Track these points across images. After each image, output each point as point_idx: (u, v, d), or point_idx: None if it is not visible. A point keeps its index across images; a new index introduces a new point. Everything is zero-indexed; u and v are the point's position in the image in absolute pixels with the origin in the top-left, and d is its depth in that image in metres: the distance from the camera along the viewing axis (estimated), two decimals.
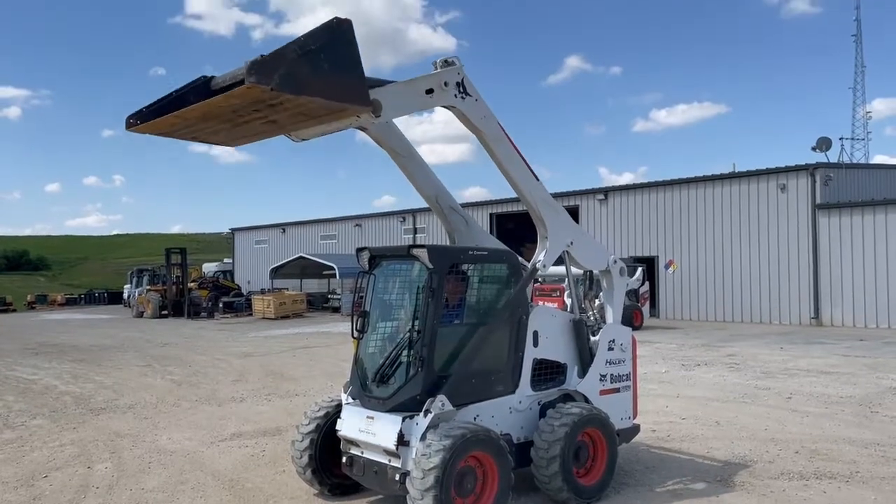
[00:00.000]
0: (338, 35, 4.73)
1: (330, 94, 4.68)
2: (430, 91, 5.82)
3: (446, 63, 5.95)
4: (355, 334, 6.53)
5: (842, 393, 11.77)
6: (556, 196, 35.38)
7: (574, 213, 33.33)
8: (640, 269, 25.49)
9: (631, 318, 23.90)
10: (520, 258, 6.87)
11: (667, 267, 29.45)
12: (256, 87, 4.30)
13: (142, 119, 5.40)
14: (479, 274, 6.63)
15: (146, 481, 7.51)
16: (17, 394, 13.44)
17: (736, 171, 28.48)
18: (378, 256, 6.79)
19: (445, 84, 5.87)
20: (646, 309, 25.60)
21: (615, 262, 7.50)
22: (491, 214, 36.36)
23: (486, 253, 6.66)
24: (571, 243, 7.03)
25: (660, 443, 8.65)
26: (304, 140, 5.96)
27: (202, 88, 5.36)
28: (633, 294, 24.81)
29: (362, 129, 6.13)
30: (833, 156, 28.42)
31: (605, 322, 7.59)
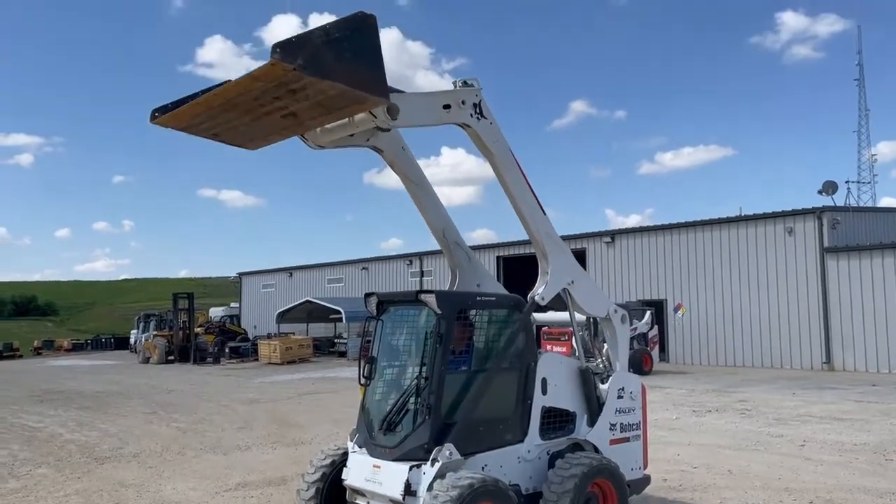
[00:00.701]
0: (362, 27, 4.84)
1: (351, 81, 4.75)
2: (447, 107, 5.89)
3: (465, 84, 6.04)
4: (362, 381, 6.49)
5: (856, 440, 11.57)
6: (562, 238, 35.41)
7: (581, 255, 33.33)
8: (648, 313, 25.35)
9: (640, 363, 23.70)
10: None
11: (676, 310, 29.28)
12: (280, 64, 4.37)
13: (165, 111, 5.48)
14: (487, 320, 6.61)
15: None
16: (22, 442, 13.35)
17: (743, 214, 28.51)
18: (386, 302, 6.78)
19: (463, 102, 5.95)
20: (655, 353, 25.40)
21: (615, 310, 7.42)
22: (498, 257, 36.37)
23: (493, 299, 6.65)
24: (572, 282, 6.94)
25: (672, 493, 8.49)
26: (321, 147, 6.00)
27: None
28: (642, 338, 24.65)
29: (378, 150, 6.21)
30: (839, 199, 28.50)
31: (613, 369, 7.52)
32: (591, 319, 7.48)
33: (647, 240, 31.06)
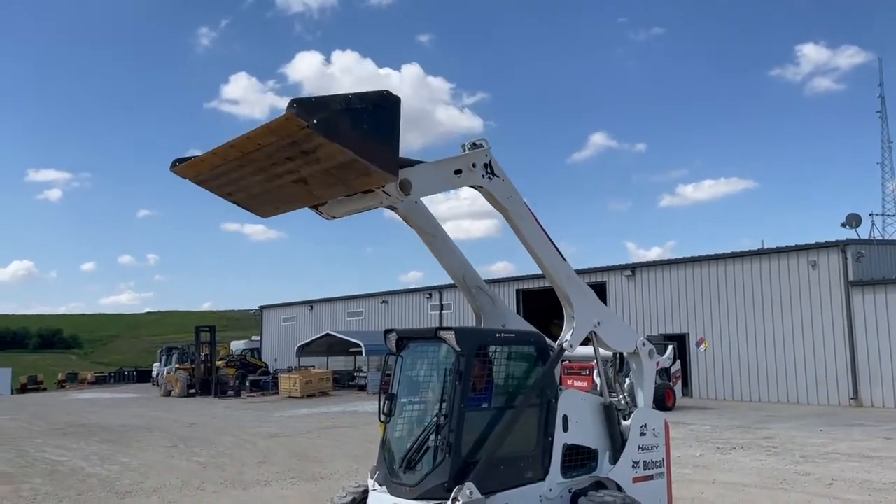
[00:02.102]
0: (384, 105, 4.93)
1: (362, 150, 4.83)
2: (458, 172, 5.93)
3: (474, 145, 6.10)
4: (382, 418, 6.47)
5: (885, 479, 11.30)
6: (582, 273, 35.13)
7: (601, 289, 33.15)
8: (670, 348, 25.08)
9: (663, 398, 23.38)
10: (548, 340, 6.83)
11: (698, 345, 28.94)
12: (295, 119, 4.47)
13: (184, 161, 5.67)
14: (506, 356, 6.59)
15: None
16: (44, 476, 13.43)
17: (765, 247, 28.27)
18: (405, 338, 6.78)
19: (473, 165, 5.98)
20: (678, 388, 25.05)
21: (643, 343, 7.38)
22: (517, 290, 36.28)
23: (513, 335, 6.63)
24: (598, 323, 6.91)
25: None
26: (334, 217, 6.08)
27: None
28: (664, 373, 24.34)
29: (392, 208, 6.25)
30: (864, 232, 28.19)
31: (636, 405, 7.44)
32: (618, 355, 7.40)
33: (668, 273, 30.85)
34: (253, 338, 57.04)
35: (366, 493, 6.48)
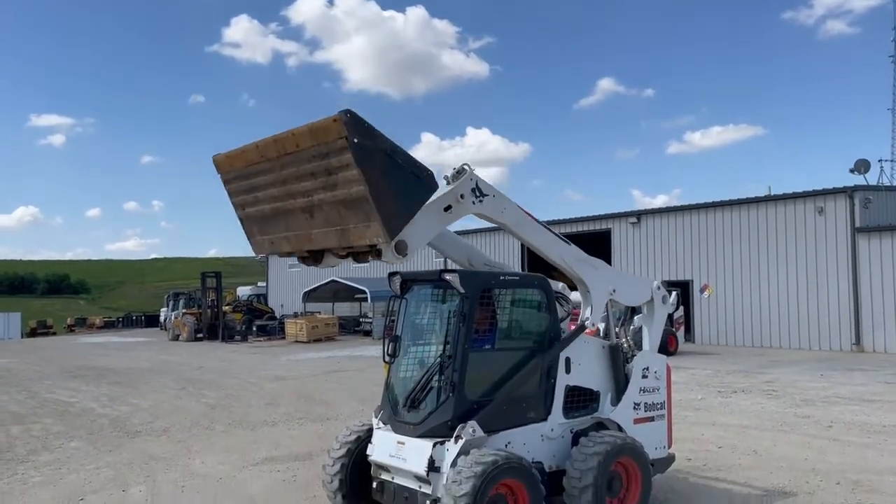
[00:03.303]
0: (422, 180, 5.12)
1: (377, 194, 4.90)
2: (448, 208, 5.80)
3: (457, 173, 5.89)
4: (386, 359, 6.54)
5: (885, 422, 11.43)
6: (587, 220, 35.07)
7: (606, 236, 33.11)
8: (674, 294, 25.10)
9: (665, 344, 23.53)
10: (551, 282, 6.84)
11: (702, 291, 28.99)
12: (341, 124, 4.60)
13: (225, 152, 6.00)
14: (510, 299, 6.61)
15: None
16: (55, 416, 13.68)
17: (772, 193, 28.07)
18: (409, 281, 6.81)
19: (462, 197, 5.83)
20: (680, 334, 25.20)
21: (658, 288, 7.44)
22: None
23: (517, 278, 6.65)
24: (614, 291, 7.01)
25: (696, 472, 8.48)
26: (329, 266, 6.15)
27: None
28: (667, 319, 24.36)
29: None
30: (872, 178, 27.92)
31: (639, 349, 7.50)
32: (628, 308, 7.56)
33: (673, 220, 30.74)
34: (259, 284, 57.38)
35: (370, 431, 6.59)
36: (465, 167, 5.85)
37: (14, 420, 13.35)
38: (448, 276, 6.11)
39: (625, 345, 7.49)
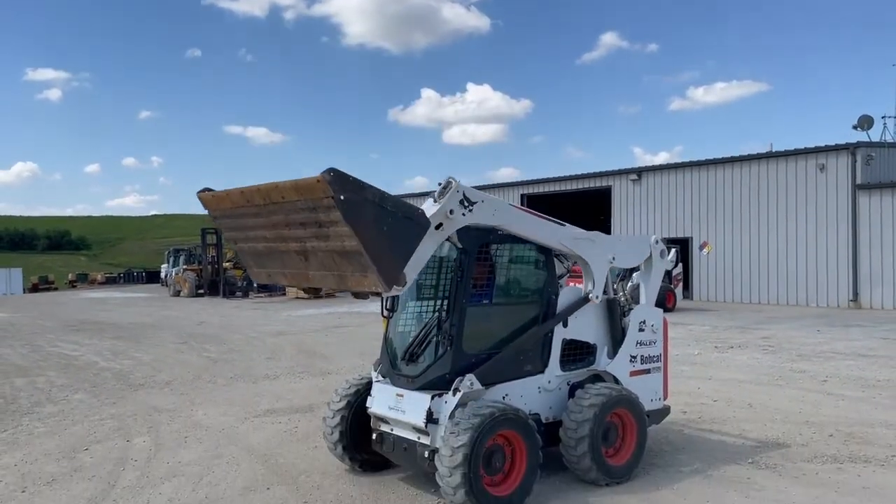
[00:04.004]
0: (413, 221, 5.05)
1: (371, 247, 4.79)
2: (439, 226, 5.68)
3: (444, 189, 5.73)
4: (385, 313, 6.58)
5: (879, 376, 11.55)
6: (587, 177, 34.92)
7: (606, 193, 33.04)
8: (673, 251, 24.95)
9: (664, 300, 23.65)
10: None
11: (701, 248, 29.04)
12: (325, 185, 4.53)
13: (211, 190, 5.99)
14: (508, 254, 6.62)
15: (183, 455, 7.69)
16: (58, 369, 13.83)
17: (773, 150, 27.90)
18: None
19: (451, 212, 5.71)
20: (679, 291, 25.33)
21: (656, 242, 7.43)
22: (522, 195, 36.17)
23: None
24: (613, 258, 6.97)
25: (690, 424, 8.60)
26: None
27: None
28: (666, 276, 24.45)
29: None
30: (875, 134, 27.71)
31: (636, 304, 7.54)
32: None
33: (674, 177, 30.62)
34: None
35: (369, 384, 6.66)
36: (451, 181, 5.71)
37: (18, 373, 13.50)
38: None
39: (622, 298, 7.52)
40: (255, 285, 38.39)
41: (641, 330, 7.20)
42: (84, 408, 10.25)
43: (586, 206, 37.93)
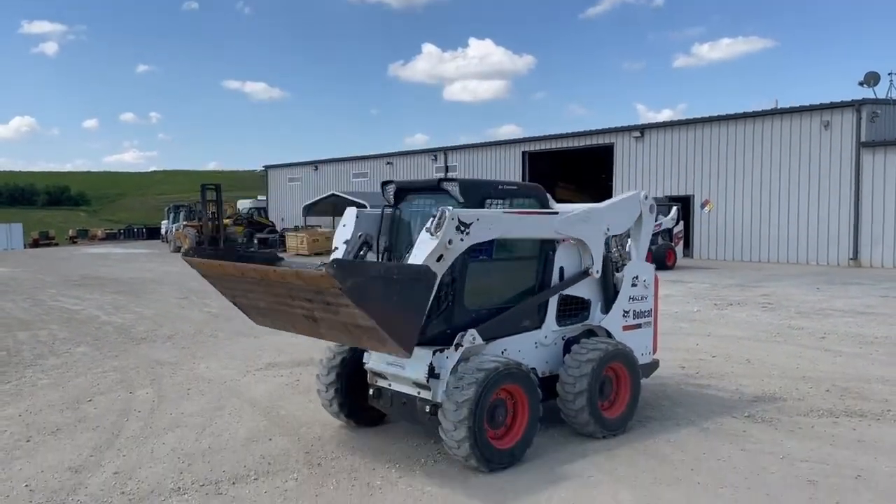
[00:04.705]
0: (421, 279, 5.00)
1: (385, 323, 4.79)
2: (440, 258, 5.59)
3: (439, 222, 5.56)
4: None
5: (877, 333, 11.62)
6: (591, 134, 34.63)
7: (609, 150, 32.81)
8: (674, 209, 25.14)
9: (664, 258, 23.72)
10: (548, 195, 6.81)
11: (703, 206, 28.97)
12: (330, 278, 4.50)
13: (200, 255, 5.93)
14: (508, 209, 6.58)
15: (185, 406, 7.78)
16: (61, 323, 13.91)
17: (778, 107, 27.62)
18: (404, 190, 6.76)
19: (450, 242, 5.60)
20: (679, 249, 25.35)
21: (645, 198, 7.37)
22: (523, 153, 35.95)
23: (515, 187, 6.60)
24: (608, 229, 6.93)
25: (688, 379, 8.68)
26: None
27: (272, 258, 6.23)
28: (667, 234, 24.56)
29: None
30: (881, 91, 27.35)
31: (629, 259, 7.52)
32: None
33: (677, 135, 30.37)
34: (259, 197, 57.26)
35: None
36: (444, 212, 5.59)
37: (21, 326, 13.58)
38: (447, 186, 6.10)
39: (615, 254, 7.50)
40: (255, 242, 38.44)
41: (634, 285, 7.23)
42: (87, 360, 10.33)
43: (588, 163, 37.74)
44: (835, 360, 9.72)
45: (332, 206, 41.25)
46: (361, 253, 6.41)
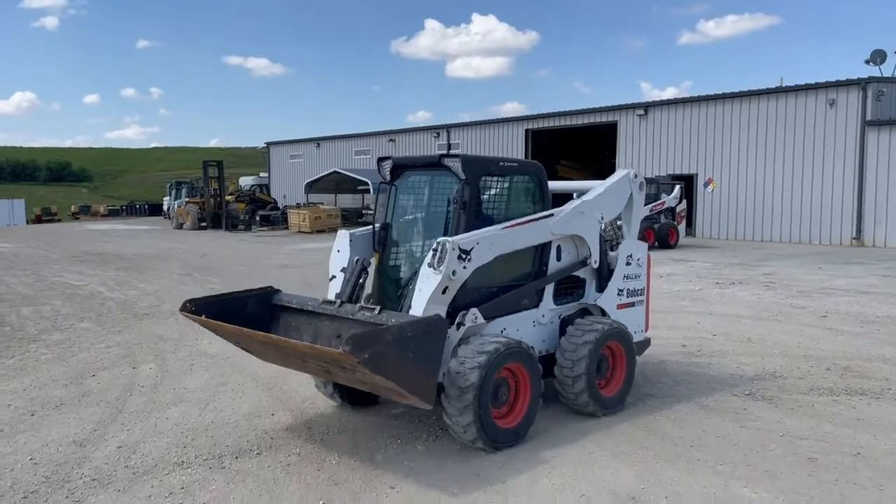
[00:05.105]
0: (433, 331, 5.04)
1: (405, 383, 4.87)
2: (445, 290, 5.59)
3: (440, 255, 5.54)
4: (377, 247, 6.50)
5: (878, 312, 11.62)
6: (594, 112, 34.42)
7: (612, 128, 32.65)
8: (677, 187, 25.06)
9: (666, 236, 23.70)
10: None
11: (706, 185, 28.88)
12: (348, 355, 4.53)
13: (201, 311, 5.88)
14: (507, 186, 6.53)
15: (188, 382, 7.82)
16: (64, 299, 13.95)
17: (783, 85, 27.41)
18: (401, 166, 6.65)
19: (454, 273, 5.58)
20: (682, 227, 25.30)
21: (635, 176, 7.31)
22: (526, 130, 35.77)
23: (516, 164, 6.52)
24: (602, 218, 6.91)
25: (690, 358, 8.69)
26: None
27: (267, 299, 6.47)
28: (669, 212, 24.51)
29: None
30: (888, 70, 27.10)
31: (622, 237, 7.47)
32: None
33: (681, 112, 30.19)
34: (261, 174, 57.15)
35: None
36: (445, 244, 5.56)
37: (24, 301, 13.62)
38: (448, 162, 6.01)
39: (609, 232, 7.47)
40: (257, 219, 38.44)
41: (629, 263, 7.22)
42: (90, 336, 10.37)
43: (591, 141, 37.58)
44: (836, 338, 9.74)
45: (335, 183, 41.25)
46: (361, 281, 6.34)
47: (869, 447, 5.68)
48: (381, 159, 6.68)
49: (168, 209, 46.29)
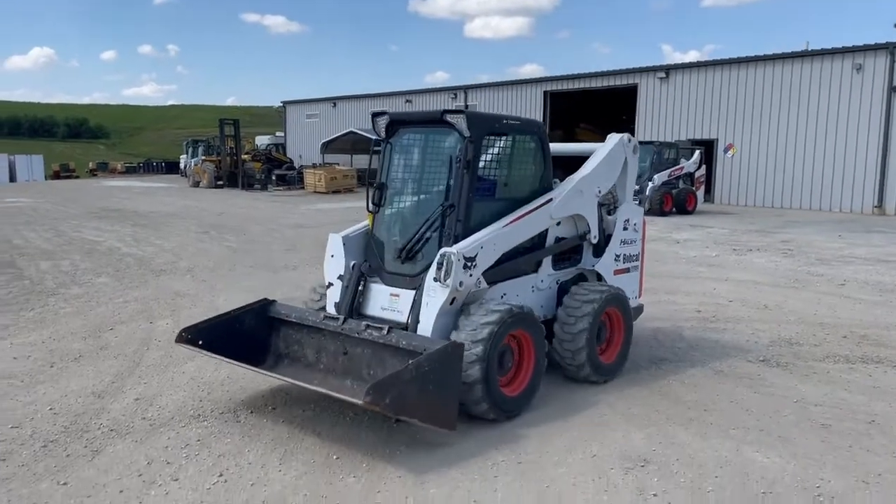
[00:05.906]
0: (450, 360, 4.94)
1: (424, 416, 4.85)
2: (452, 301, 5.47)
3: (447, 268, 5.39)
4: (371, 208, 6.29)
5: None
6: (614, 74, 33.83)
7: (633, 91, 32.16)
8: (697, 153, 24.74)
9: (685, 202, 23.48)
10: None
11: (726, 151, 28.49)
12: (369, 405, 4.53)
13: (197, 339, 5.81)
14: (511, 145, 6.32)
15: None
16: (82, 254, 14.08)
17: (809, 49, 26.81)
18: (398, 122, 6.34)
19: (461, 284, 5.45)
20: (700, 193, 25.05)
21: (629, 141, 7.14)
22: (545, 92, 35.31)
23: (518, 122, 6.32)
24: (599, 191, 6.78)
25: (705, 324, 8.65)
26: None
27: (263, 312, 6.31)
28: (688, 177, 24.24)
29: None
30: None
31: (618, 200, 7.34)
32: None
33: (703, 76, 29.65)
34: (277, 134, 57.02)
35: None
36: (450, 254, 5.40)
37: (43, 256, 13.77)
38: (452, 118, 5.73)
39: (607, 197, 7.34)
40: (273, 179, 38.45)
41: (626, 228, 7.14)
42: (108, 290, 10.48)
43: (611, 104, 37.06)
44: (854, 307, 9.65)
45: (351, 144, 41.07)
46: (360, 289, 6.09)
47: (884, 415, 5.65)
48: (375, 114, 6.36)
49: (185, 167, 46.41)
